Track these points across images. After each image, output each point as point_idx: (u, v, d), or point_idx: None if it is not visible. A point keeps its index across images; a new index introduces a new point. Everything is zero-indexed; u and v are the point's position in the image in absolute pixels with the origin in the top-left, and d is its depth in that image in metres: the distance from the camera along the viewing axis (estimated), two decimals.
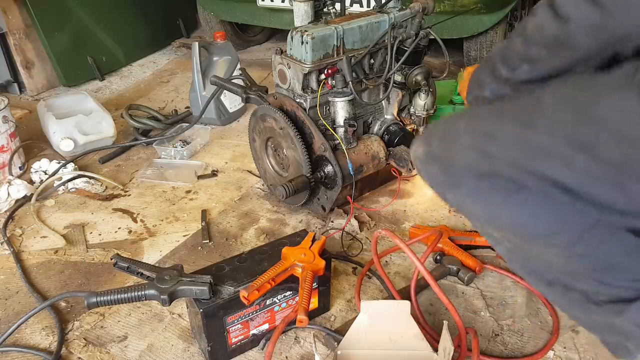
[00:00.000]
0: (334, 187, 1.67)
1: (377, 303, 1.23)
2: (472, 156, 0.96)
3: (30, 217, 1.84)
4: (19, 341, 1.35)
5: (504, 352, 1.29)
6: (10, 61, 2.93)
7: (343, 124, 1.65)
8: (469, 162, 0.96)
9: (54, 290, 1.52)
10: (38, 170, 2.08)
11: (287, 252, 1.27)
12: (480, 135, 0.97)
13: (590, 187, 0.92)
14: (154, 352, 1.31)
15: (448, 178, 1.00)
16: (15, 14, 2.88)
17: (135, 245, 1.72)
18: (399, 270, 1.57)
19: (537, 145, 0.92)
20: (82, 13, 3.14)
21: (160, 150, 2.24)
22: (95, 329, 1.38)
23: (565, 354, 1.28)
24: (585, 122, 0.87)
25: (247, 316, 1.23)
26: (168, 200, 1.95)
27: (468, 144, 0.96)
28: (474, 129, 0.99)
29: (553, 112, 0.91)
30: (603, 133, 0.85)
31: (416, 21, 1.62)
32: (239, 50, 3.58)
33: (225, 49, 2.53)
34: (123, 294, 1.12)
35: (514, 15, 2.94)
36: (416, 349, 1.21)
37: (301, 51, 1.59)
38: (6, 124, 2.04)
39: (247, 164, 2.17)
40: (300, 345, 1.32)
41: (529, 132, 0.93)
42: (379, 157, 1.73)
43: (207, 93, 2.44)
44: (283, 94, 1.72)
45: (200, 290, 1.14)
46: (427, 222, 1.79)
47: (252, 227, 1.79)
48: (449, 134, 1.01)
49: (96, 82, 3.19)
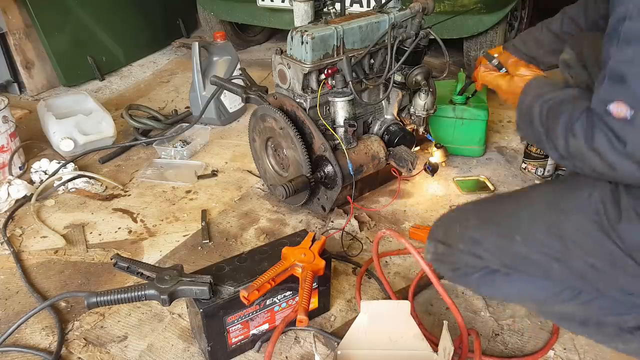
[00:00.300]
0: (334, 187, 1.67)
1: (377, 303, 1.23)
2: (468, 259, 1.16)
3: (30, 217, 1.84)
4: (19, 341, 1.35)
5: (504, 351, 1.29)
6: (10, 61, 2.93)
7: (343, 124, 1.65)
8: (467, 262, 1.16)
9: (54, 290, 1.52)
10: (38, 170, 2.08)
11: (287, 252, 1.27)
12: (471, 243, 1.18)
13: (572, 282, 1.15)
14: (154, 352, 1.31)
15: (456, 274, 1.21)
16: (15, 14, 2.88)
17: (135, 245, 1.72)
18: (399, 270, 1.57)
19: (518, 254, 1.13)
20: (82, 13, 3.13)
21: (160, 150, 2.24)
22: (95, 329, 1.38)
23: (565, 354, 1.28)
24: (556, 238, 1.07)
25: (247, 316, 1.23)
26: (168, 200, 1.95)
27: (463, 249, 1.17)
28: (466, 237, 1.19)
29: (528, 227, 1.12)
30: (569, 247, 1.05)
31: (416, 21, 1.62)
32: (239, 50, 3.58)
33: (225, 49, 2.53)
34: (123, 294, 1.12)
35: (513, 15, 2.93)
36: (416, 349, 1.21)
37: (301, 51, 1.59)
38: (6, 124, 2.04)
39: (247, 164, 2.17)
40: (300, 345, 1.32)
41: (509, 243, 1.13)
42: (379, 157, 1.73)
43: (207, 93, 2.44)
44: (283, 94, 1.72)
45: (200, 290, 1.14)
46: (427, 222, 1.79)
47: (252, 227, 1.79)
48: (448, 238, 1.21)
49: (96, 82, 3.19)
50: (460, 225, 1.24)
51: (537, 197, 1.20)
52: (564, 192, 1.13)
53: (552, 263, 1.09)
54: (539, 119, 1.05)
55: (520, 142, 2.30)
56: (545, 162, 1.99)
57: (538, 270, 1.14)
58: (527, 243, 1.12)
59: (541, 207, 1.15)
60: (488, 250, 1.18)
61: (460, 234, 1.20)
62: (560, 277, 1.13)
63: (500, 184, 2.01)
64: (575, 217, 1.06)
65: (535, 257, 1.11)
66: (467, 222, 1.24)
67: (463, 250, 1.17)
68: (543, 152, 1.98)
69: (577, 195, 1.08)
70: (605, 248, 1.01)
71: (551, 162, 1.99)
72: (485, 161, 2.17)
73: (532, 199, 1.19)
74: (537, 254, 1.11)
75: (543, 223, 1.11)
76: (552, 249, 1.09)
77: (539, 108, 1.06)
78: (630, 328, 1.14)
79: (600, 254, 1.03)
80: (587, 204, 1.05)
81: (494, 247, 1.17)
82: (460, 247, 1.17)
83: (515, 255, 1.15)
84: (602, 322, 1.17)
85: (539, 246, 1.11)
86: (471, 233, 1.21)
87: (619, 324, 1.16)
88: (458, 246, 1.17)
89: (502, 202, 1.27)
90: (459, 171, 2.10)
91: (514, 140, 2.34)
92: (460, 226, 1.24)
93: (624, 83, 0.87)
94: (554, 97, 1.06)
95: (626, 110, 0.86)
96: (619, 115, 0.87)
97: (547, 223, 1.10)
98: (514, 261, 1.16)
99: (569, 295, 1.17)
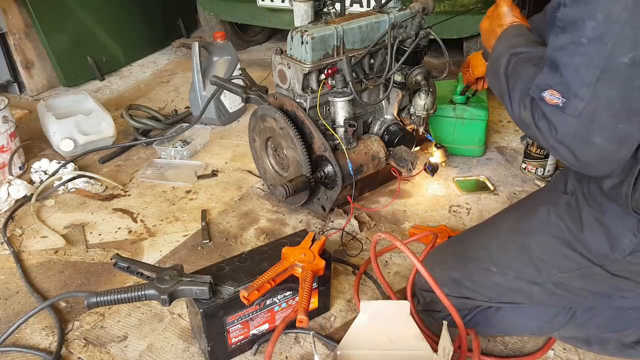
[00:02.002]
0: (334, 187, 1.67)
1: (377, 303, 1.23)
2: (456, 302, 1.18)
3: (30, 217, 1.84)
4: (19, 341, 1.35)
5: (504, 351, 1.29)
6: (10, 61, 2.93)
7: (343, 124, 1.65)
8: (456, 305, 1.17)
9: (54, 290, 1.52)
10: (38, 170, 2.08)
11: (287, 252, 1.27)
12: (453, 284, 1.22)
13: (559, 303, 1.18)
14: (154, 352, 1.31)
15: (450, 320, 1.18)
16: (15, 14, 2.88)
17: (135, 245, 1.72)
18: (399, 270, 1.57)
19: (498, 285, 1.16)
20: (82, 13, 3.13)
21: (160, 150, 2.24)
22: (95, 329, 1.38)
23: (565, 354, 1.28)
24: (526, 261, 1.09)
25: (247, 316, 1.23)
26: (168, 200, 1.95)
27: (448, 293, 1.17)
28: (446, 279, 1.22)
29: (500, 256, 1.15)
30: (540, 267, 1.08)
31: (416, 21, 1.62)
32: (239, 50, 3.58)
33: (225, 49, 2.53)
34: (123, 294, 1.12)
35: None
36: (416, 349, 1.21)
37: (301, 51, 1.59)
38: (6, 124, 2.04)
39: (247, 164, 2.17)
40: (300, 345, 1.32)
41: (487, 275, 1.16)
42: (379, 157, 1.73)
43: (207, 93, 2.44)
44: (283, 94, 1.72)
45: (200, 290, 1.14)
46: (427, 222, 1.79)
47: (252, 227, 1.79)
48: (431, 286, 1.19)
49: (96, 82, 3.19)
50: (440, 267, 1.26)
51: (501, 224, 1.21)
52: (524, 215, 1.15)
53: (531, 287, 1.11)
54: (504, 72, 1.04)
55: (520, 142, 2.30)
56: (545, 162, 1.99)
57: (522, 297, 1.16)
58: (503, 273, 1.14)
59: (506, 234, 1.17)
60: (469, 287, 1.20)
61: (440, 279, 1.21)
62: (543, 299, 1.15)
63: (500, 184, 2.01)
64: (539, 236, 1.08)
65: (515, 285, 1.13)
66: (444, 263, 1.26)
67: (448, 294, 1.17)
68: (543, 151, 1.98)
69: (536, 215, 1.10)
70: (572, 261, 1.03)
71: (551, 162, 1.99)
72: (485, 161, 2.17)
73: (498, 228, 1.21)
74: (514, 282, 1.13)
75: (511, 249, 1.13)
76: (526, 274, 1.11)
77: (506, 60, 1.05)
78: (631, 343, 1.18)
79: (569, 267, 1.04)
80: (546, 221, 1.07)
81: (475, 283, 1.19)
82: (444, 292, 1.16)
83: (496, 287, 1.17)
84: (604, 340, 1.21)
85: (514, 272, 1.12)
86: (451, 273, 1.23)
87: (620, 340, 1.19)
88: (442, 290, 1.15)
89: (473, 235, 1.29)
90: (459, 171, 2.10)
91: (514, 140, 2.34)
92: (440, 269, 1.25)
93: (557, 70, 0.87)
94: (525, 52, 1.04)
95: (559, 98, 0.86)
96: (551, 102, 0.87)
97: (515, 248, 1.12)
98: (496, 293, 1.18)
99: (564, 319, 1.20)
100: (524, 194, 1.93)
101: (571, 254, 1.02)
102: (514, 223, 1.17)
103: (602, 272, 0.99)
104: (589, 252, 1.00)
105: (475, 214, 1.83)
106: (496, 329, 1.30)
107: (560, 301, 1.16)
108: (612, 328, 1.18)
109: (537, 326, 1.25)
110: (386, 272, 1.56)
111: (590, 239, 0.99)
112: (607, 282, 1.01)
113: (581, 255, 1.01)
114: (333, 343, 1.29)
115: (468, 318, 1.25)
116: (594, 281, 1.03)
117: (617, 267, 0.98)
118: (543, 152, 1.98)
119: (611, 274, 0.99)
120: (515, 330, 1.30)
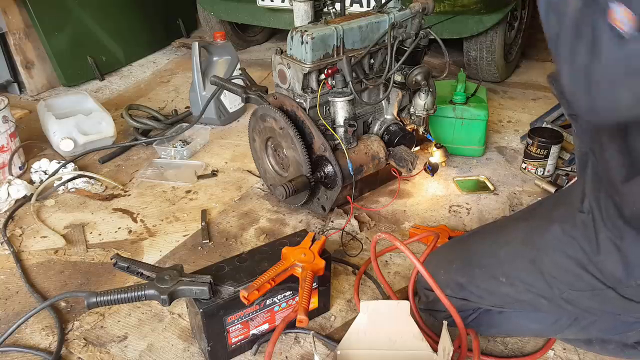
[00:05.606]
0: (334, 187, 1.67)
1: (377, 303, 1.23)
2: (459, 303, 1.19)
3: (30, 217, 1.84)
4: (19, 341, 1.35)
5: (504, 351, 1.29)
6: (10, 61, 2.93)
7: (343, 124, 1.65)
8: (459, 307, 1.18)
9: (54, 290, 1.52)
10: (38, 170, 2.08)
11: (287, 252, 1.27)
12: (458, 288, 1.21)
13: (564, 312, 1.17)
14: (154, 352, 1.31)
15: (451, 320, 1.18)
16: (15, 14, 2.87)
17: (135, 245, 1.72)
18: (399, 270, 1.57)
19: (506, 295, 1.15)
20: (82, 13, 3.13)
21: (160, 150, 2.24)
22: (95, 329, 1.38)
23: (565, 354, 1.28)
24: (537, 275, 1.08)
25: (247, 316, 1.23)
26: (168, 200, 1.95)
27: (451, 295, 1.19)
28: (452, 283, 1.22)
29: (510, 267, 1.14)
30: (551, 283, 1.07)
31: (416, 21, 1.62)
32: (239, 50, 3.58)
33: (225, 49, 2.53)
34: (123, 294, 1.12)
35: (513, 15, 2.94)
36: (416, 349, 1.21)
37: (301, 51, 1.59)
38: (6, 124, 2.04)
39: (247, 164, 2.17)
40: (300, 345, 1.32)
41: (495, 284, 1.15)
42: (379, 157, 1.73)
43: (207, 93, 2.44)
44: (283, 94, 1.72)
45: (200, 290, 1.14)
46: (427, 222, 1.79)
47: (252, 227, 1.79)
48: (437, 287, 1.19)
49: (96, 82, 3.19)
50: (445, 270, 1.25)
51: (512, 233, 1.19)
52: (536, 228, 1.12)
53: (540, 299, 1.11)
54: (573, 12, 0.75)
55: (520, 142, 2.30)
56: (545, 162, 1.99)
57: (529, 307, 1.17)
58: (512, 284, 1.13)
59: (517, 245, 1.15)
60: (474, 293, 1.20)
61: (445, 281, 1.21)
62: (550, 310, 1.15)
63: (500, 184, 2.01)
64: (552, 253, 1.06)
65: (523, 297, 1.13)
66: (450, 265, 1.25)
67: (451, 296, 1.17)
68: (543, 151, 1.97)
69: (550, 232, 1.08)
70: (585, 282, 1.02)
71: (551, 162, 1.99)
72: (485, 161, 2.17)
73: (508, 237, 1.19)
74: (523, 294, 1.12)
75: (522, 261, 1.12)
76: (536, 288, 1.10)
77: None
78: (633, 343, 1.18)
79: (581, 287, 1.03)
80: (561, 239, 1.05)
81: (481, 290, 1.19)
82: (447, 293, 1.17)
83: (504, 297, 1.16)
84: (606, 341, 1.21)
85: (524, 285, 1.12)
86: (456, 277, 1.22)
87: (622, 341, 1.20)
88: (446, 292, 1.16)
89: (481, 240, 1.27)
90: (459, 171, 2.10)
91: (514, 140, 2.34)
92: (445, 272, 1.24)
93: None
94: None
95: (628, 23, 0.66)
96: (614, 22, 0.67)
97: (526, 261, 1.11)
98: (503, 302, 1.18)
99: (567, 322, 1.20)
100: (524, 194, 1.93)
101: (584, 275, 1.01)
102: (525, 235, 1.15)
103: (615, 294, 0.98)
104: (603, 275, 0.98)
105: (475, 214, 1.83)
106: (499, 330, 1.30)
107: (567, 314, 1.17)
108: (616, 330, 1.18)
109: (539, 329, 1.25)
110: (386, 272, 1.56)
111: (606, 262, 0.97)
112: (618, 304, 1.00)
113: (594, 278, 1.00)
114: (333, 343, 1.29)
115: (471, 319, 1.25)
116: (604, 302, 1.02)
117: (630, 292, 0.97)
118: (543, 152, 1.97)
119: (623, 297, 0.98)
120: (518, 331, 1.30)
